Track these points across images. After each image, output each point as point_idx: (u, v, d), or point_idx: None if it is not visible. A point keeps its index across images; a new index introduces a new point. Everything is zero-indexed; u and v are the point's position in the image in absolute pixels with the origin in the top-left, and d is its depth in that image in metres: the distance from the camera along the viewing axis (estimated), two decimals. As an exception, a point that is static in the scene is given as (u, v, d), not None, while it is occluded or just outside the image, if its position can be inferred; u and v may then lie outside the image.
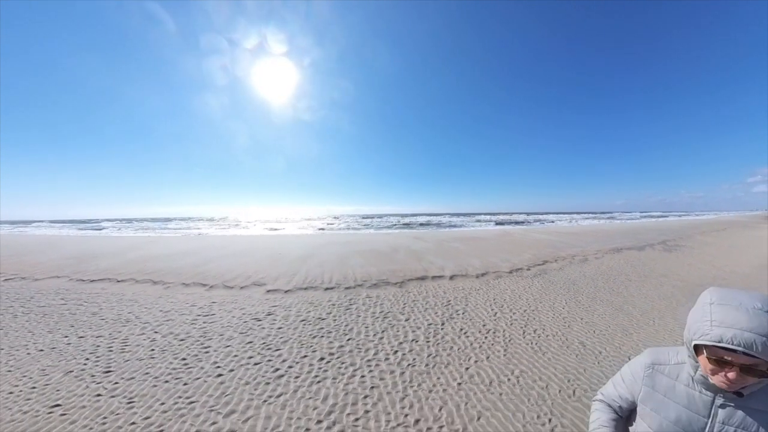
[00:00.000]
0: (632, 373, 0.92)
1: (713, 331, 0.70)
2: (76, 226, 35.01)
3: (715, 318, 0.72)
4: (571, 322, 4.05)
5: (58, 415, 2.43)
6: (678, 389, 0.83)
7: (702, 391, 0.80)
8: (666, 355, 0.89)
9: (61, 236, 18.92)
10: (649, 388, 0.87)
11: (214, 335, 3.76)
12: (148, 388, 2.74)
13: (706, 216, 55.76)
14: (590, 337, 3.58)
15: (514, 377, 2.74)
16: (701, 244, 12.98)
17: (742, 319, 0.68)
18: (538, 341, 3.46)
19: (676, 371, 0.85)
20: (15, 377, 2.94)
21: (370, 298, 5.02)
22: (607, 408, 0.99)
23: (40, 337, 3.80)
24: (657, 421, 0.84)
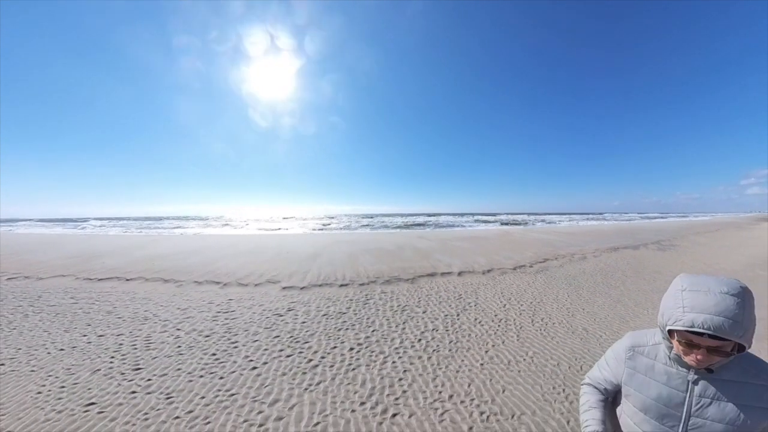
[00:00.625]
0: (615, 357, 1.01)
1: (685, 316, 0.77)
2: (65, 224, 34.70)
3: (686, 304, 0.78)
4: (574, 312, 4.51)
5: (95, 413, 2.44)
6: (657, 368, 0.91)
7: (678, 368, 0.87)
8: (644, 338, 0.97)
9: (57, 235, 18.92)
10: (631, 369, 0.95)
11: (239, 331, 3.93)
12: (184, 383, 2.80)
13: (701, 217, 57.33)
14: (592, 324, 4.04)
15: (529, 358, 3.16)
16: (694, 243, 13.64)
17: (711, 304, 0.75)
18: (545, 328, 3.90)
19: (654, 351, 0.93)
20: (40, 377, 2.94)
21: (385, 294, 5.41)
22: (595, 390, 1.07)
23: (58, 336, 3.81)
24: (640, 399, 0.92)
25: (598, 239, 14.21)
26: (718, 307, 0.74)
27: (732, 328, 0.72)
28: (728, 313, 0.73)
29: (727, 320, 0.72)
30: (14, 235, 18.87)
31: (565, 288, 5.79)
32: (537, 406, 2.42)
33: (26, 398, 2.61)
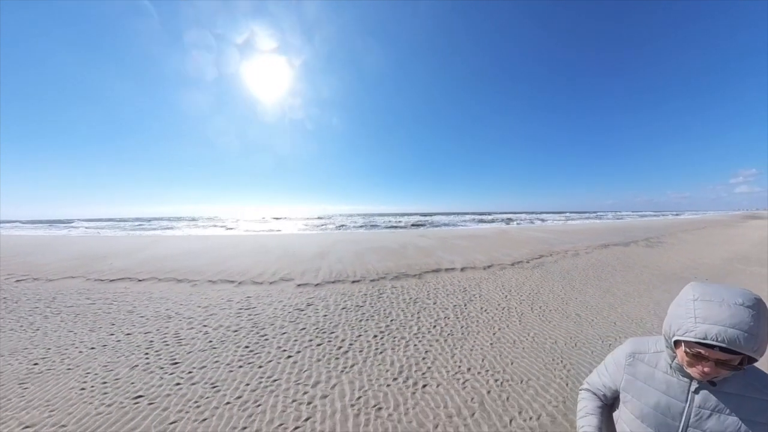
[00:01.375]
0: (615, 363, 1.02)
1: (698, 327, 0.74)
2: (51, 226, 34.25)
3: (699, 315, 0.75)
4: (568, 300, 5.12)
5: (146, 404, 2.60)
6: (657, 376, 0.90)
7: (679, 378, 0.87)
8: (646, 345, 0.97)
9: (51, 237, 18.89)
10: (631, 376, 0.95)
11: (266, 325, 4.24)
12: (225, 373, 3.04)
13: (692, 216, 59.38)
14: (584, 311, 4.64)
15: (530, 338, 3.73)
16: (681, 240, 14.53)
17: (725, 316, 0.72)
18: (543, 314, 4.49)
19: (655, 359, 0.92)
20: (78, 375, 3.09)
21: (395, 288, 5.92)
22: (593, 396, 1.09)
23: (84, 336, 3.97)
24: (638, 407, 0.92)
25: (591, 237, 15.02)
26: (733, 320, 0.71)
27: (747, 341, 0.70)
28: (743, 326, 0.70)
29: (743, 333, 0.70)
30: (7, 237, 18.79)
31: (560, 281, 6.41)
32: (540, 373, 2.98)
33: (70, 395, 2.78)
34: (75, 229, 28.16)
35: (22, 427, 2.39)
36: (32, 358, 3.44)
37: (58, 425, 2.41)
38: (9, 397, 2.75)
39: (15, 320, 4.53)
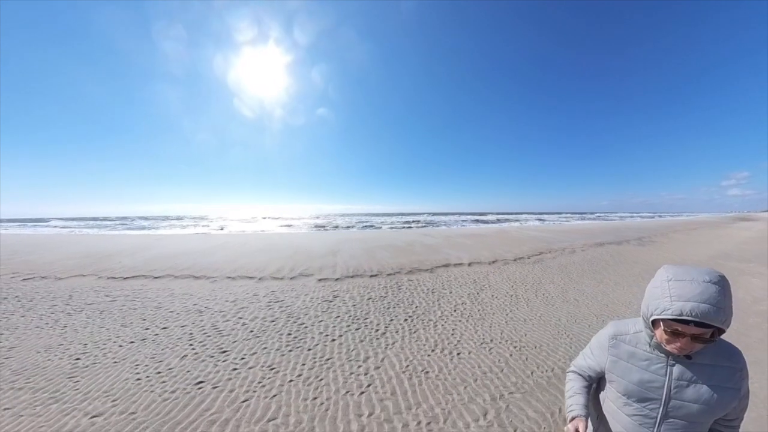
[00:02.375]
0: (599, 345, 1.12)
1: (674, 305, 0.84)
2: (26, 225, 33.87)
3: (673, 293, 0.86)
4: (567, 289, 5.96)
5: (210, 388, 2.80)
6: (638, 355, 1.01)
7: (658, 354, 0.98)
8: (626, 327, 1.07)
9: (45, 235, 19.03)
10: (614, 357, 1.06)
11: (300, 315, 4.61)
12: (278, 357, 3.33)
13: (685, 217, 61.77)
14: (581, 297, 5.49)
15: (538, 317, 4.52)
16: (671, 240, 15.68)
17: (696, 292, 0.82)
18: (546, 300, 5.30)
19: (635, 339, 1.03)
20: (128, 367, 3.25)
21: (411, 281, 6.65)
22: (579, 377, 1.19)
23: (118, 331, 4.15)
24: (623, 384, 1.03)
25: (586, 236, 16.06)
26: (703, 295, 0.81)
27: (716, 314, 0.80)
28: (712, 300, 0.80)
29: (713, 307, 0.80)
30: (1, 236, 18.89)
31: (559, 274, 7.26)
32: (549, 341, 3.76)
33: (127, 385, 2.94)
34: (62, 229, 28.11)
35: (89, 416, 2.52)
36: (72, 353, 3.57)
37: (126, 413, 2.56)
38: (63, 390, 2.90)
39: (37, 318, 4.65)
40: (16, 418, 2.50)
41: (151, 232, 24.12)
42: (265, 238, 16.45)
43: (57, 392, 2.88)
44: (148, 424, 2.43)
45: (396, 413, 2.45)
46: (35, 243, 14.06)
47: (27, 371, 3.20)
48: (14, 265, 8.44)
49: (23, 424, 2.45)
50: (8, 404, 2.67)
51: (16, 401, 2.72)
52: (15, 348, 3.70)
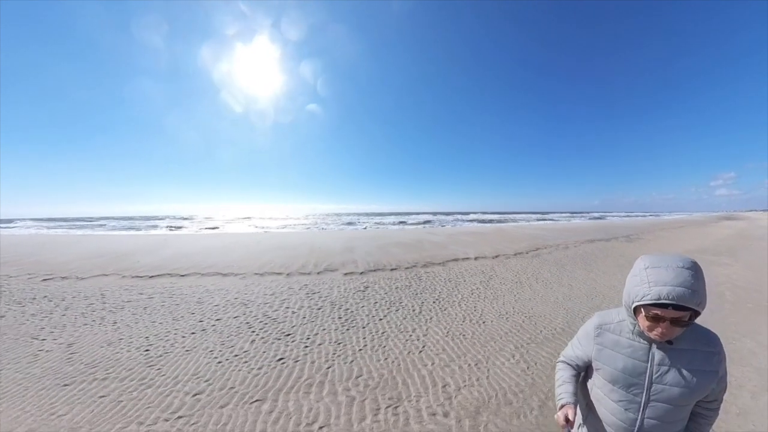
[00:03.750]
0: (585, 335, 1.24)
1: (652, 291, 0.93)
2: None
3: (651, 280, 0.95)
4: (562, 277, 7.23)
5: (292, 362, 3.41)
6: (622, 342, 1.11)
7: (640, 341, 1.07)
8: (610, 316, 1.18)
9: (51, 236, 19.48)
10: (600, 346, 1.16)
11: (341, 303, 5.35)
12: (338, 335, 4.08)
13: (674, 216, 64.79)
14: (574, 282, 6.75)
15: (540, 297, 5.74)
16: (657, 237, 17.30)
17: (672, 277, 0.92)
18: (546, 285, 6.54)
19: (619, 328, 1.13)
20: (202, 353, 3.65)
21: (428, 273, 7.79)
22: (568, 366, 1.33)
23: (174, 324, 4.56)
24: (608, 371, 1.13)
25: (578, 234, 17.57)
26: (678, 279, 0.91)
27: (692, 296, 0.89)
28: (687, 284, 0.90)
29: (688, 290, 0.89)
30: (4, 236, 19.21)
31: (555, 265, 8.55)
32: (550, 312, 4.96)
33: (212, 367, 3.31)
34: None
35: (191, 395, 2.86)
36: (138, 346, 3.92)
37: (225, 388, 2.95)
38: (150, 377, 3.21)
39: (80, 316, 4.96)
40: (117, 404, 2.81)
41: (141, 232, 24.63)
42: (275, 236, 17.40)
43: (145, 379, 3.19)
44: (251, 394, 2.90)
45: (450, 361, 3.52)
46: (38, 243, 14.31)
47: (101, 364, 3.51)
48: (26, 266, 8.65)
49: (127, 407, 2.77)
50: (101, 393, 2.97)
51: (107, 389, 3.03)
52: (75, 344, 4.02)
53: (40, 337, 4.24)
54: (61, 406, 2.79)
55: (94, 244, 13.83)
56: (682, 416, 1.09)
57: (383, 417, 2.46)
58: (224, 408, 2.70)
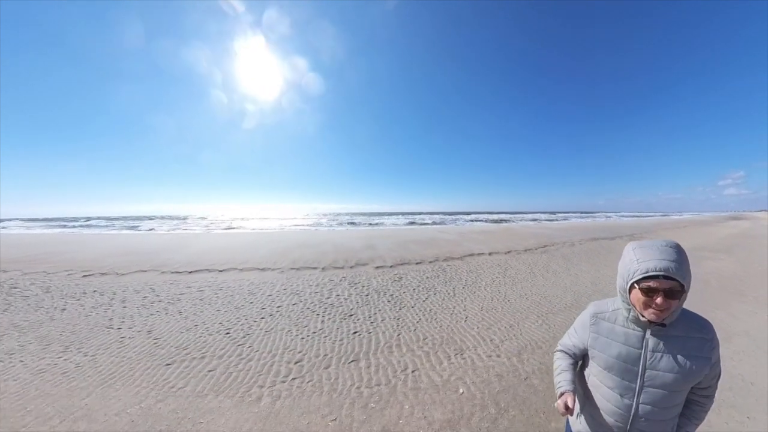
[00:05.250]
0: (581, 324, 1.32)
1: (641, 266, 1.03)
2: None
3: (639, 258, 1.05)
4: (570, 268, 8.38)
5: (366, 333, 4.12)
6: (616, 330, 1.18)
7: (634, 328, 1.14)
8: (605, 305, 1.26)
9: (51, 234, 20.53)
10: (596, 334, 1.24)
11: (384, 290, 6.28)
12: (394, 313, 4.97)
13: (680, 216, 65.69)
14: (580, 273, 7.89)
15: (551, 283, 6.87)
16: (659, 236, 18.35)
17: (656, 252, 1.03)
18: (555, 275, 7.68)
19: (614, 316, 1.21)
20: (281, 334, 4.26)
21: (450, 266, 8.89)
22: (565, 355, 1.40)
23: (239, 312, 5.16)
24: (603, 359, 1.20)
25: (583, 233, 18.69)
26: (663, 254, 1.02)
27: (677, 269, 0.99)
28: (671, 258, 1.01)
29: (673, 263, 1.00)
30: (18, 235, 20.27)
31: (562, 260, 9.69)
32: (561, 294, 6.09)
33: (298, 342, 4.00)
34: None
35: (293, 362, 3.49)
36: (216, 330, 4.45)
37: (321, 356, 3.59)
38: (245, 353, 3.76)
39: (141, 308, 5.47)
40: (228, 375, 3.31)
41: (141, 232, 25.69)
42: (292, 235, 18.56)
43: (242, 355, 3.71)
44: (345, 357, 3.64)
45: (490, 326, 4.60)
46: (51, 242, 15.10)
47: (191, 346, 3.99)
48: (59, 263, 9.14)
49: (240, 377, 3.28)
50: (208, 368, 3.46)
51: (212, 365, 3.51)
52: (153, 332, 4.46)
53: (114, 326, 4.66)
54: (176, 381, 3.23)
55: (114, 243, 14.69)
56: (677, 402, 1.15)
57: (455, 360, 3.53)
58: (328, 368, 3.39)
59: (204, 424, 2.57)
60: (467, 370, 3.26)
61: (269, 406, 2.78)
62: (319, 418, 2.58)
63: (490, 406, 2.68)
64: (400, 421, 2.47)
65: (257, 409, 2.75)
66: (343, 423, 2.47)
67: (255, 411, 2.72)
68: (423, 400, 2.74)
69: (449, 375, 3.17)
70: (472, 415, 2.56)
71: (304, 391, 2.98)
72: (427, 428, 2.38)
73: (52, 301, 5.83)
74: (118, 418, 2.67)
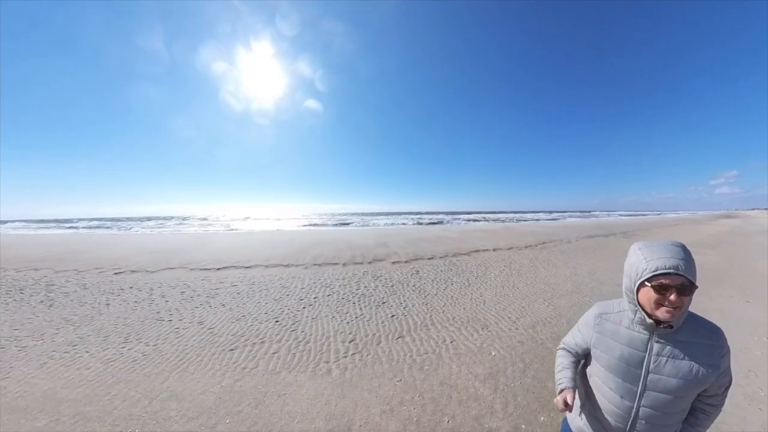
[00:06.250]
0: (585, 324, 1.31)
1: (650, 265, 1.01)
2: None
3: (647, 257, 1.03)
4: (568, 262, 9.24)
5: (402, 316, 4.81)
6: (621, 332, 1.16)
7: (640, 331, 1.12)
8: (611, 306, 1.24)
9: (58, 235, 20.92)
10: (599, 334, 1.22)
11: (406, 282, 6.93)
12: (420, 300, 5.64)
13: (674, 215, 67.25)
14: (577, 266, 8.74)
15: (553, 274, 7.70)
16: (652, 234, 19.36)
17: (664, 251, 1.02)
18: (555, 267, 8.52)
19: (619, 318, 1.19)
20: (327, 320, 4.68)
21: (460, 261, 9.68)
22: (568, 353, 1.40)
23: (279, 303, 5.59)
24: (606, 359, 1.18)
25: (579, 231, 19.66)
26: (671, 252, 1.01)
27: (686, 266, 0.98)
28: (679, 255, 1.00)
29: (681, 260, 0.99)
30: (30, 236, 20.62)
31: (560, 255, 10.54)
32: (562, 282, 6.89)
33: (344, 326, 4.49)
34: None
35: (347, 342, 3.97)
36: (265, 319, 4.85)
37: (369, 335, 4.17)
38: (301, 337, 4.18)
39: (184, 301, 5.79)
40: (293, 356, 3.68)
41: (146, 231, 26.12)
42: (307, 234, 19.26)
43: (298, 339, 4.11)
44: (391, 335, 4.22)
45: (506, 307, 5.35)
46: (72, 242, 15.57)
47: (246, 333, 4.35)
48: (87, 262, 9.52)
49: (303, 356, 3.67)
50: (271, 351, 3.83)
51: (273, 348, 3.88)
52: (205, 323, 4.75)
53: (164, 319, 4.93)
54: (245, 363, 3.53)
55: (133, 243, 15.18)
56: (680, 408, 1.13)
57: (483, 333, 4.27)
58: (380, 344, 3.95)
59: (288, 394, 2.96)
60: (494, 339, 4.04)
61: (340, 376, 3.24)
62: (386, 380, 3.15)
63: (518, 362, 3.45)
64: (452, 376, 3.19)
65: (330, 379, 3.19)
66: (407, 382, 3.13)
67: (329, 381, 3.16)
68: (466, 361, 3.49)
69: (481, 343, 3.94)
70: (506, 369, 3.32)
71: (366, 362, 3.52)
72: (474, 380, 3.12)
73: (92, 296, 6.16)
74: (204, 397, 2.93)
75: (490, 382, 3.06)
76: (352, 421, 2.54)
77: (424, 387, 3.00)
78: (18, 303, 5.79)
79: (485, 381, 3.09)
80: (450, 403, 2.75)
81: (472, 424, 2.48)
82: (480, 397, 2.82)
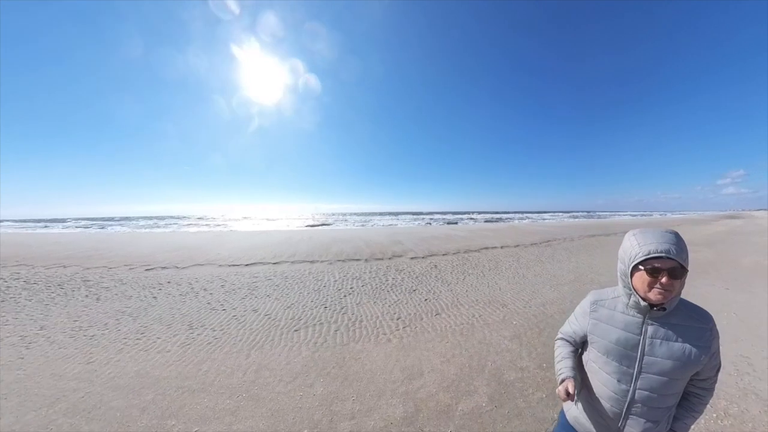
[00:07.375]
0: (582, 311, 1.36)
1: (642, 249, 1.07)
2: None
3: (640, 242, 1.09)
4: (571, 257, 10.21)
5: (434, 299, 5.96)
6: (616, 317, 1.21)
7: (634, 314, 1.17)
8: (605, 293, 1.30)
9: (108, 234, 21.58)
10: (595, 320, 1.28)
11: (428, 274, 7.76)
12: (445, 288, 6.36)
13: (680, 215, 67.95)
14: (580, 261, 9.71)
15: (557, 267, 8.67)
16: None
17: (657, 236, 1.07)
18: (559, 261, 9.50)
19: (613, 303, 1.24)
20: (370, 307, 5.18)
21: (472, 257, 10.62)
22: (566, 343, 1.45)
23: (320, 293, 6.04)
24: (603, 344, 1.23)
25: (581, 230, 20.65)
26: (663, 238, 1.06)
27: (677, 250, 1.03)
28: (671, 241, 1.05)
29: (673, 245, 1.04)
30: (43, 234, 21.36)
31: (564, 252, 11.51)
32: (565, 274, 7.85)
33: (387, 308, 5.66)
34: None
35: (395, 319, 4.70)
36: (313, 306, 5.32)
37: (411, 315, 4.87)
38: (354, 319, 4.70)
39: (225, 294, 6.08)
40: (352, 333, 4.23)
41: (163, 230, 26.81)
42: (322, 232, 20.17)
43: (352, 319, 4.75)
44: (429, 313, 5.08)
45: (518, 293, 6.25)
46: (100, 240, 15.96)
47: (304, 317, 4.84)
48: (116, 259, 9.90)
49: (362, 333, 4.18)
50: (334, 328, 4.39)
51: (332, 329, 4.39)
52: (259, 310, 5.17)
53: (218, 308, 5.29)
54: (315, 339, 4.06)
55: (154, 241, 15.75)
56: (674, 391, 1.16)
57: (504, 309, 5.19)
58: (422, 321, 4.70)
59: (362, 358, 3.57)
60: (514, 314, 5.00)
61: (399, 343, 3.96)
62: (437, 343, 3.96)
63: (534, 328, 4.42)
64: (486, 338, 4.13)
65: (392, 345, 3.89)
66: (453, 343, 4.01)
67: (392, 346, 3.86)
68: (494, 328, 4.45)
69: (504, 316, 4.91)
70: (526, 332, 4.28)
71: (416, 332, 4.28)
72: (503, 339, 4.07)
73: (134, 291, 6.39)
74: (291, 366, 3.36)
75: (516, 341, 4.03)
76: (422, 369, 3.40)
77: (467, 345, 3.94)
78: (64, 297, 5.99)
79: (512, 340, 4.06)
80: (489, 353, 3.70)
81: (508, 365, 3.44)
82: (510, 350, 3.78)
